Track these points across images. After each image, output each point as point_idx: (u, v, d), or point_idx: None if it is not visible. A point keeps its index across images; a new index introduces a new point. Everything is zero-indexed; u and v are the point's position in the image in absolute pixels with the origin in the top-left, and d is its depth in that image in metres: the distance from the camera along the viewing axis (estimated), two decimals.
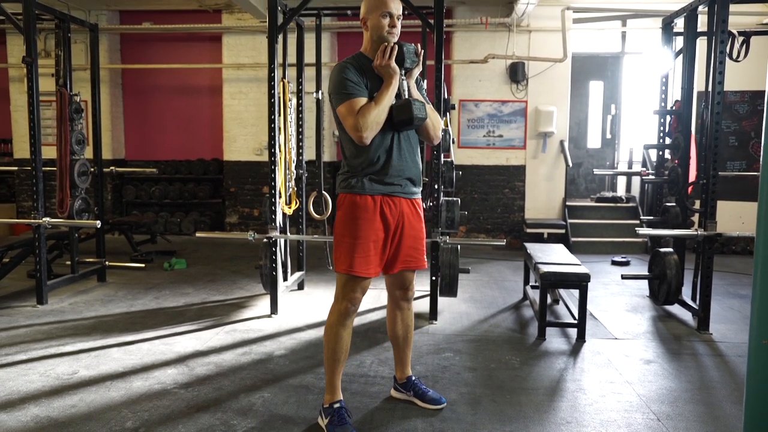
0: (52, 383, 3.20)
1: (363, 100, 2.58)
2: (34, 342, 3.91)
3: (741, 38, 4.86)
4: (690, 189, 4.91)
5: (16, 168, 8.30)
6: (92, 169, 5.60)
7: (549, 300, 4.73)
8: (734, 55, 4.84)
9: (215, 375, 3.37)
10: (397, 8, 2.66)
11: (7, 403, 2.95)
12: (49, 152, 5.53)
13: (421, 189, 2.87)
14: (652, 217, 5.33)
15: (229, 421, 2.77)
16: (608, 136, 9.01)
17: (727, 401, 3.11)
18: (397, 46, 2.62)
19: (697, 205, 4.68)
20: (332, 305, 2.72)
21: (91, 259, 5.77)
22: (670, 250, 4.93)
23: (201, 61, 8.93)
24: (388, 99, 2.60)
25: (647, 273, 5.19)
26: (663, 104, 5.24)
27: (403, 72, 2.68)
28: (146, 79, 9.14)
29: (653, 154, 6.28)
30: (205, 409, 2.90)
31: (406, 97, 2.67)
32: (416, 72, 2.75)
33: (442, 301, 4.78)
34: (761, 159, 1.70)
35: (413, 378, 3.03)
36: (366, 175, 2.67)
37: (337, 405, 2.68)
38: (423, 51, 2.92)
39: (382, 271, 2.79)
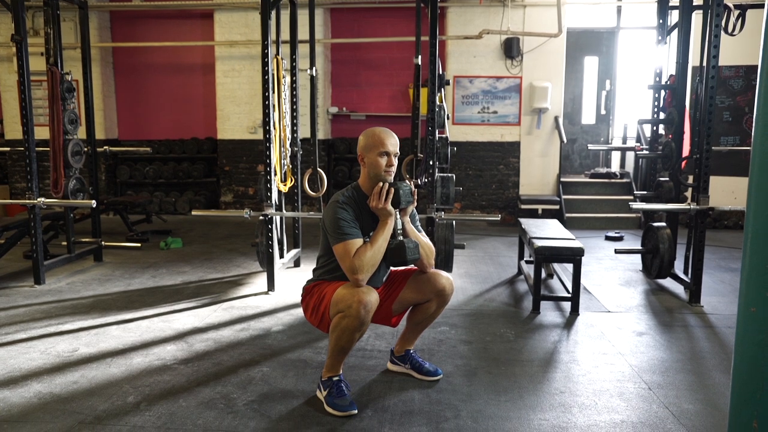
0: (53, 360, 3.24)
1: (358, 242, 2.62)
2: (34, 321, 3.93)
3: (737, 12, 4.84)
4: (683, 164, 4.94)
5: (8, 149, 8.25)
6: (86, 149, 5.58)
7: (543, 274, 4.79)
8: (729, 29, 4.83)
9: (214, 351, 3.41)
10: (393, 146, 2.71)
11: (9, 380, 2.99)
12: (41, 132, 5.52)
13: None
14: (645, 192, 5.36)
15: (229, 395, 2.82)
16: (603, 111, 9.02)
17: (716, 370, 3.17)
18: (393, 189, 2.66)
19: (691, 180, 4.71)
20: (345, 312, 2.56)
21: (87, 239, 5.78)
22: (663, 224, 4.97)
23: (193, 39, 8.86)
24: (383, 240, 2.65)
25: (640, 247, 5.24)
26: (657, 79, 5.24)
27: (398, 210, 2.72)
28: (138, 57, 9.06)
29: (647, 130, 6.30)
30: (205, 384, 2.95)
31: (400, 234, 2.73)
32: (411, 209, 2.80)
33: None
34: (753, 133, 1.73)
35: (410, 351, 3.08)
36: (335, 276, 2.77)
37: (336, 378, 2.72)
38: (416, 190, 2.99)
39: (393, 311, 2.91)
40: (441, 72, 6.10)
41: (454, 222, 4.77)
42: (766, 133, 1.68)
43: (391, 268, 2.95)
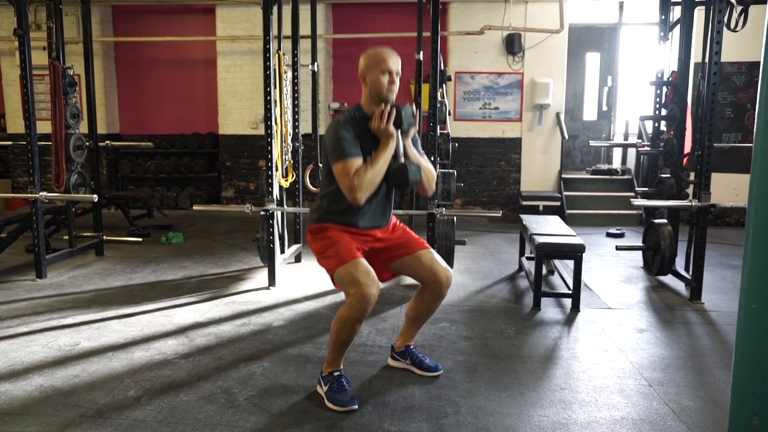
0: (54, 354, 3.25)
1: (359, 161, 2.59)
2: (35, 315, 3.94)
3: (739, 8, 4.82)
4: (685, 160, 4.93)
5: (10, 143, 8.25)
6: (87, 144, 5.58)
7: (544, 271, 4.80)
8: (732, 25, 4.81)
9: (215, 345, 3.42)
10: (395, 64, 2.67)
11: (11, 373, 3.00)
12: (43, 127, 5.52)
13: (391, 217, 2.92)
14: (647, 189, 5.36)
15: (230, 390, 2.83)
16: (604, 108, 9.00)
17: (717, 368, 3.17)
18: (395, 110, 2.63)
19: (692, 176, 4.71)
20: (347, 303, 2.58)
21: (88, 234, 5.79)
22: (664, 221, 4.97)
23: (195, 34, 8.85)
24: (384, 161, 2.62)
25: (641, 244, 5.24)
26: (659, 75, 5.23)
27: (400, 132, 2.69)
28: (139, 52, 9.05)
29: (649, 126, 6.29)
30: (206, 378, 2.95)
31: (402, 156, 2.70)
32: (413, 132, 2.77)
33: None
34: (755, 130, 1.73)
35: (411, 347, 3.09)
36: (338, 219, 2.73)
37: (336, 373, 2.73)
38: (419, 111, 2.93)
39: (390, 267, 2.86)
40: (442, 68, 6.09)
41: (455, 218, 4.77)
42: (767, 131, 1.68)
43: (407, 231, 2.91)
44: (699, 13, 5.15)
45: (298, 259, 5.56)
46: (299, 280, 4.90)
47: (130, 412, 2.60)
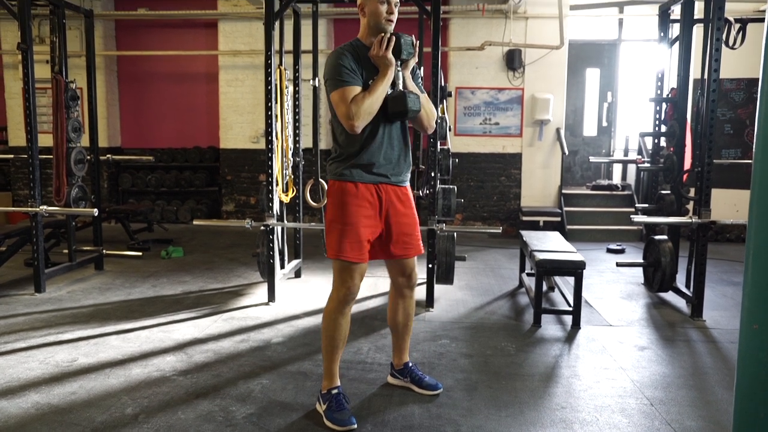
0: (51, 370, 3.23)
1: (357, 89, 2.58)
2: (33, 330, 3.92)
3: (737, 25, 4.85)
4: (685, 177, 4.94)
5: (11, 156, 8.26)
6: (89, 157, 5.59)
7: (544, 287, 4.78)
8: (730, 43, 4.84)
9: (214, 362, 3.40)
10: None
11: (7, 390, 2.97)
12: (44, 140, 5.53)
13: (409, 177, 2.88)
14: (647, 205, 5.35)
15: (228, 408, 2.80)
16: (604, 123, 9.02)
17: (719, 386, 3.15)
18: (394, 38, 2.61)
19: (692, 192, 4.71)
20: (331, 293, 2.74)
21: (88, 248, 5.78)
22: (665, 237, 4.96)
23: (197, 48, 8.89)
24: (383, 89, 2.61)
25: (642, 260, 5.22)
26: (659, 92, 5.25)
27: (399, 63, 2.67)
28: (142, 65, 9.10)
29: (649, 142, 6.30)
30: (204, 396, 2.93)
31: (401, 87, 2.68)
32: (412, 63, 2.75)
33: (439, 289, 4.81)
34: (754, 146, 1.72)
35: (410, 364, 3.06)
36: (355, 163, 2.69)
37: (335, 391, 2.71)
38: (419, 41, 2.92)
39: (381, 256, 2.82)
40: (443, 84, 6.11)
41: (455, 234, 4.76)
42: (766, 147, 1.67)
43: (416, 232, 2.87)
44: (698, 30, 5.18)
45: (298, 274, 5.55)
46: (299, 296, 4.88)
47: (127, 430, 2.57)
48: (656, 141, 5.37)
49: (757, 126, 1.70)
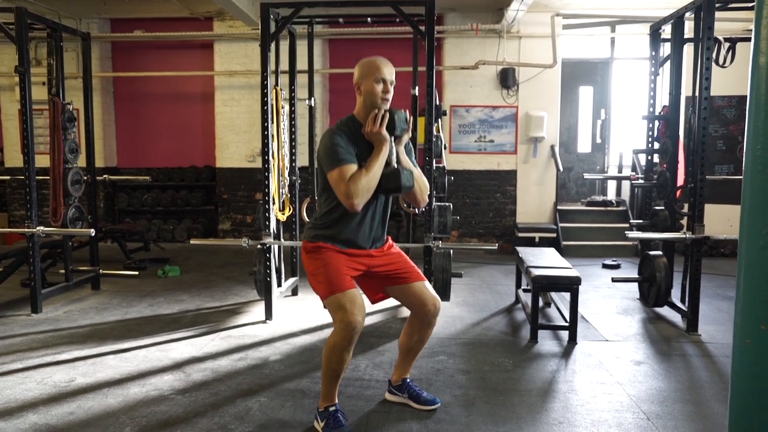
0: (49, 391, 3.22)
1: (353, 167, 2.60)
2: (30, 350, 3.92)
3: (727, 44, 4.94)
4: (678, 193, 4.99)
5: (7, 177, 8.27)
6: (85, 178, 5.61)
7: (541, 303, 4.80)
8: (720, 61, 4.93)
9: (212, 380, 3.40)
10: (390, 73, 2.70)
11: (5, 411, 2.97)
12: (41, 161, 5.55)
13: (385, 236, 2.92)
14: (641, 221, 5.40)
15: (226, 426, 2.81)
16: (598, 140, 9.10)
17: (715, 400, 3.17)
18: (388, 114, 2.65)
19: (686, 208, 4.75)
20: (334, 331, 2.63)
21: (84, 268, 5.77)
22: (659, 253, 5.00)
23: (193, 69, 8.97)
24: (378, 166, 2.63)
25: (637, 276, 5.26)
26: (651, 109, 5.32)
27: (393, 138, 2.71)
28: (138, 86, 9.16)
29: (643, 159, 6.36)
30: (202, 414, 2.93)
31: (395, 163, 2.71)
32: (406, 138, 2.79)
33: None
34: (744, 162, 1.76)
35: (408, 380, 3.07)
36: (334, 237, 2.73)
37: (332, 408, 2.72)
38: (412, 117, 2.97)
39: (383, 290, 2.87)
40: (438, 102, 6.18)
41: (451, 251, 4.79)
42: (756, 165, 1.71)
43: (403, 259, 2.90)
44: (688, 49, 5.27)
45: (294, 292, 5.56)
46: (296, 314, 4.89)
47: None
48: (649, 158, 5.43)
49: (746, 142, 1.75)
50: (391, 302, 3.33)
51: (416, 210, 5.55)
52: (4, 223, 8.87)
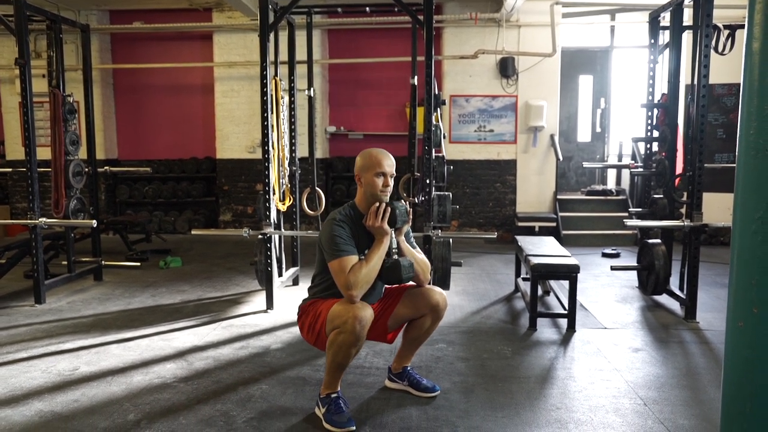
0: (54, 379, 3.26)
1: (354, 258, 2.66)
2: (35, 340, 3.96)
3: (726, 32, 4.94)
4: (677, 181, 5.00)
5: (9, 169, 8.31)
6: (86, 170, 5.63)
7: (540, 291, 4.83)
8: (720, 49, 4.92)
9: (214, 369, 3.44)
10: (390, 167, 2.77)
11: (11, 398, 3.01)
12: (42, 153, 5.58)
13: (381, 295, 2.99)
14: (640, 209, 5.42)
15: (228, 412, 2.84)
16: (598, 129, 9.11)
17: (711, 386, 3.20)
18: (389, 209, 2.71)
19: (685, 196, 4.77)
20: (341, 328, 2.60)
21: (87, 259, 5.81)
22: (658, 241, 5.02)
23: (192, 60, 8.97)
24: (378, 258, 2.70)
25: (636, 264, 5.28)
26: (650, 98, 5.33)
27: (394, 230, 2.77)
28: (138, 78, 9.16)
29: (642, 147, 6.37)
30: (204, 401, 2.97)
31: (395, 253, 2.78)
32: (406, 228, 2.86)
33: None
34: (737, 150, 1.78)
35: (408, 368, 3.11)
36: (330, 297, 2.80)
37: (334, 395, 2.75)
38: (411, 210, 3.06)
39: (388, 327, 2.94)
40: (437, 92, 6.19)
41: (450, 240, 4.82)
42: (749, 150, 1.73)
43: (386, 286, 2.99)
44: (687, 37, 5.26)
45: (295, 282, 5.59)
46: (297, 303, 4.84)
47: None
48: (648, 146, 5.44)
49: (740, 127, 1.77)
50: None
51: (416, 199, 5.57)
52: (6, 215, 8.91)
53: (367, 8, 5.65)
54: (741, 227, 1.76)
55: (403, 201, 2.81)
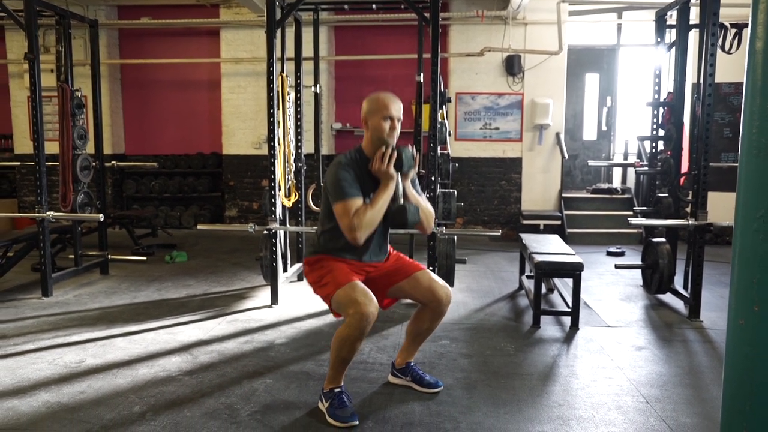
0: (60, 371, 3.30)
1: (358, 201, 2.67)
2: (42, 332, 4.00)
3: (733, 30, 4.93)
4: (682, 180, 5.00)
5: (17, 163, 8.36)
6: (94, 164, 5.67)
7: (544, 289, 4.84)
8: (726, 47, 4.92)
9: (218, 362, 3.47)
10: (397, 110, 2.77)
11: (18, 389, 3.05)
12: (50, 147, 5.61)
13: (387, 250, 3.00)
14: (645, 208, 5.42)
15: (233, 406, 2.87)
16: (604, 128, 9.10)
17: (714, 385, 3.21)
18: (395, 153, 2.72)
19: (690, 196, 4.77)
20: (346, 323, 2.62)
21: (93, 253, 5.85)
22: (663, 240, 5.02)
23: (199, 56, 9.00)
24: (384, 202, 2.70)
25: (640, 263, 5.28)
26: (656, 96, 5.32)
27: (400, 174, 2.78)
28: (145, 73, 9.20)
29: (647, 146, 6.37)
30: (209, 395, 3.00)
31: (401, 197, 2.78)
32: (412, 173, 2.86)
33: None
34: (739, 150, 1.78)
35: (411, 364, 3.13)
36: (335, 250, 2.82)
37: (337, 389, 2.77)
38: (418, 153, 3.04)
39: (387, 294, 2.95)
40: (443, 89, 6.19)
41: (455, 237, 4.83)
42: (751, 149, 1.74)
43: (401, 257, 3.01)
44: (694, 35, 5.25)
45: (300, 277, 5.61)
46: (301, 298, 4.95)
47: (134, 427, 2.64)
48: (654, 145, 5.43)
49: (742, 127, 1.77)
50: None
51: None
52: (14, 209, 8.97)
53: (374, 5, 5.66)
54: (742, 226, 1.77)
55: (409, 147, 2.79)
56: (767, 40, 1.66)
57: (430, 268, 4.54)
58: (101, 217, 5.17)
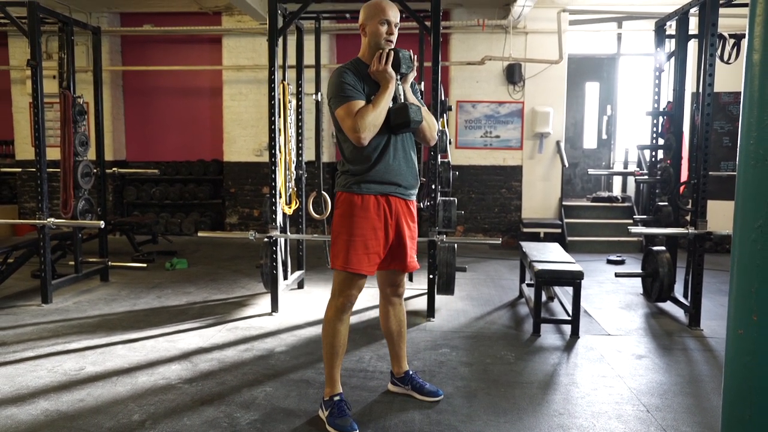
0: (60, 379, 3.30)
1: (361, 103, 2.68)
2: (41, 340, 4.00)
3: (732, 40, 4.95)
4: (682, 188, 5.01)
5: (18, 169, 8.37)
6: (95, 171, 5.68)
7: (544, 297, 4.84)
8: (725, 57, 4.94)
9: (218, 370, 3.46)
10: (395, 16, 2.76)
11: (17, 397, 3.05)
12: (51, 153, 5.63)
13: (416, 191, 2.95)
14: (645, 217, 5.42)
15: (232, 414, 2.87)
16: (604, 136, 9.11)
17: (714, 394, 3.20)
18: (393, 52, 2.72)
19: (690, 204, 4.78)
20: (329, 301, 2.83)
21: (93, 259, 5.86)
22: (663, 248, 5.02)
23: (201, 63, 9.03)
24: (385, 102, 2.70)
25: (640, 271, 5.28)
26: (656, 105, 5.34)
27: (399, 77, 2.78)
28: (147, 80, 9.23)
29: (647, 155, 6.38)
30: (209, 403, 3.00)
31: (401, 98, 2.78)
32: (411, 77, 2.85)
33: (440, 299, 4.88)
34: (737, 158, 1.79)
35: (411, 372, 3.13)
36: (363, 176, 2.75)
37: (337, 398, 2.77)
38: (417, 56, 3.03)
39: (380, 267, 2.89)
40: (443, 98, 6.21)
41: (455, 245, 4.84)
42: (748, 159, 1.75)
43: (413, 246, 2.95)
44: (693, 45, 5.28)
45: (300, 285, 5.62)
46: (301, 306, 4.95)
47: None
48: (653, 153, 5.45)
49: (740, 137, 1.78)
50: None
51: (422, 204, 5.59)
52: (15, 215, 8.98)
53: None
54: (741, 235, 1.78)
55: (407, 50, 2.79)
56: (764, 52, 1.67)
57: (431, 276, 4.55)
58: (102, 224, 5.17)
